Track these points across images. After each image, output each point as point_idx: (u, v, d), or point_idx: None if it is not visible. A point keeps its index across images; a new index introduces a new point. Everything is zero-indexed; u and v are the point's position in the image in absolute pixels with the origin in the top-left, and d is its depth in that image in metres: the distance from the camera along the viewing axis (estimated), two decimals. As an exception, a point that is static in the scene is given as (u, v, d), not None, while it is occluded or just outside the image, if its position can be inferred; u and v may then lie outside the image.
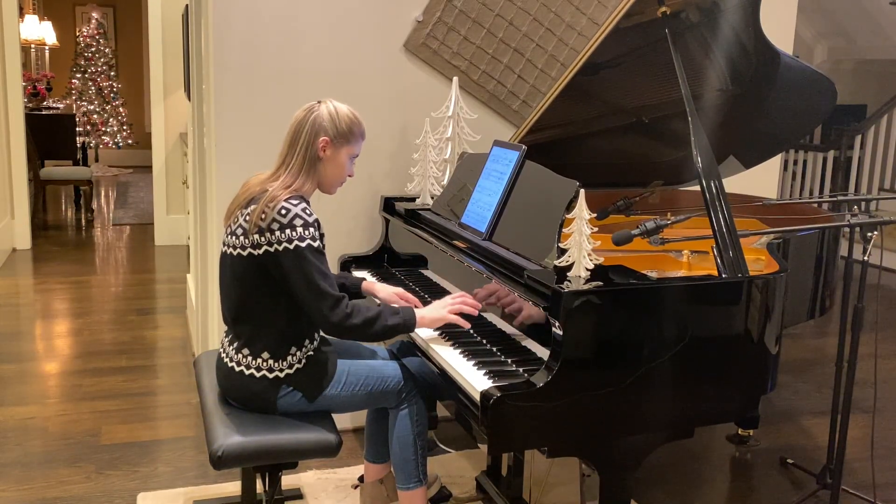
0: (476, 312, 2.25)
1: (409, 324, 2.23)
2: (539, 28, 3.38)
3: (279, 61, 3.12)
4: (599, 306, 1.89)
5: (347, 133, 2.26)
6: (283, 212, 2.12)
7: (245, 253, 2.17)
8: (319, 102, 2.28)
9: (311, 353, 2.26)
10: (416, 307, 2.44)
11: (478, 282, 2.40)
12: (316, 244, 2.14)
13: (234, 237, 2.21)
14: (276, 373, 2.22)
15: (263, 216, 2.13)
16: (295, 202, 2.15)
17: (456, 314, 2.24)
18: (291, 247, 2.11)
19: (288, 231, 2.11)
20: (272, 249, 2.13)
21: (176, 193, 6.83)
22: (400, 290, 2.52)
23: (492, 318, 2.33)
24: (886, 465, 3.32)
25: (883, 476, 3.17)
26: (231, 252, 2.22)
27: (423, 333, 2.30)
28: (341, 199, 3.26)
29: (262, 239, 2.13)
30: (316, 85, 3.17)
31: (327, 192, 2.34)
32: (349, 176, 2.34)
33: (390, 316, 2.20)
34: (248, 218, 2.17)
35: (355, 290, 2.58)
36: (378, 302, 2.53)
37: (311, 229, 2.14)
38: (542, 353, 2.04)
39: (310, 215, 2.15)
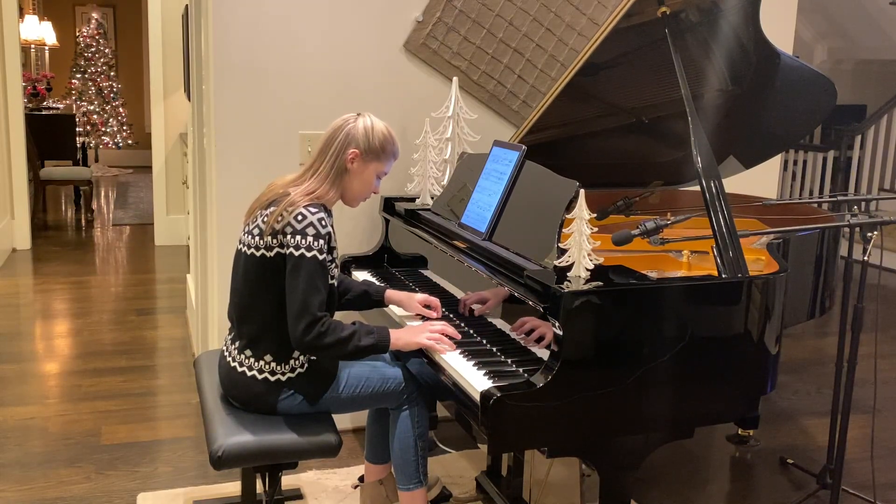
0: (453, 348, 2.17)
1: (383, 345, 2.19)
2: (539, 28, 3.38)
3: (279, 61, 3.12)
4: (599, 306, 1.89)
5: (379, 150, 2.26)
6: (300, 217, 2.13)
7: (258, 254, 2.17)
8: (359, 115, 2.27)
9: (313, 356, 2.26)
10: (437, 314, 2.41)
11: (477, 281, 2.40)
12: (321, 257, 2.13)
13: (250, 236, 2.21)
14: (279, 375, 2.22)
15: (280, 219, 2.13)
16: (313, 210, 2.15)
17: (433, 341, 2.19)
18: (297, 254, 2.11)
19: (298, 237, 2.11)
20: (284, 252, 2.13)
21: (176, 193, 6.83)
22: (422, 297, 2.44)
23: (492, 318, 2.33)
24: (886, 465, 3.32)
25: (883, 476, 3.17)
26: (245, 251, 2.22)
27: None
28: (341, 200, 3.27)
29: (275, 241, 2.14)
30: (316, 85, 3.17)
31: (349, 204, 2.34)
32: (374, 192, 2.33)
33: (364, 336, 2.16)
34: (265, 219, 2.17)
35: (378, 298, 2.52)
36: (397, 313, 2.50)
37: (321, 241, 2.13)
38: (542, 353, 2.04)
39: (324, 227, 2.14)
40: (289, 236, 2.12)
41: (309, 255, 2.11)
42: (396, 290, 2.52)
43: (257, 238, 2.18)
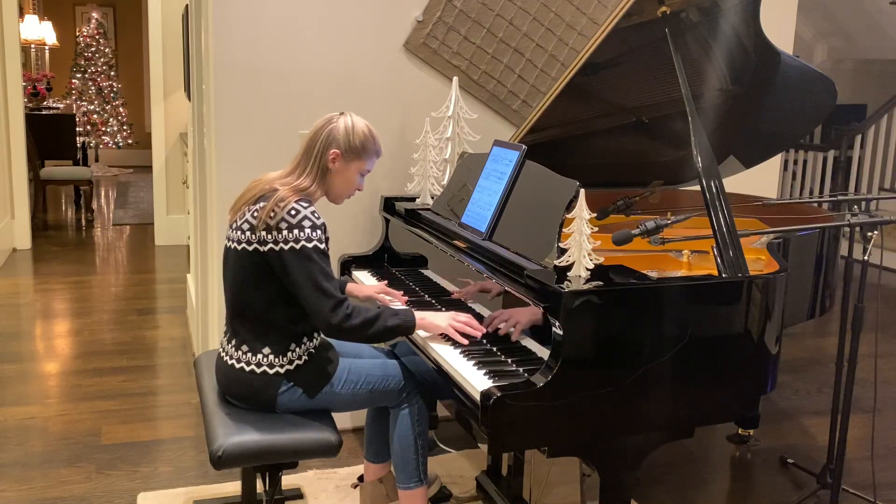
0: (479, 336, 2.20)
1: (409, 326, 2.23)
2: (539, 28, 3.38)
3: (279, 61, 3.12)
4: (599, 306, 1.89)
5: (360, 149, 2.29)
6: (293, 213, 2.15)
7: (251, 248, 2.18)
8: (341, 114, 2.30)
9: (311, 350, 2.27)
10: (399, 301, 2.53)
11: (477, 281, 2.40)
12: (322, 246, 2.17)
13: (239, 232, 2.22)
14: (277, 368, 2.22)
15: (273, 214, 2.15)
16: (305, 204, 2.18)
17: (457, 332, 2.21)
18: (298, 247, 2.13)
19: (296, 231, 2.13)
20: (277, 248, 2.14)
21: (176, 193, 6.83)
22: (380, 286, 2.61)
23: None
24: (886, 465, 3.32)
25: (883, 476, 3.17)
26: (235, 247, 2.23)
27: (422, 333, 2.30)
28: (341, 199, 3.26)
29: (269, 237, 2.15)
30: (316, 85, 3.17)
31: (334, 201, 2.38)
32: (358, 190, 2.37)
33: (390, 317, 2.20)
34: (256, 214, 2.19)
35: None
36: (377, 304, 2.55)
37: (319, 231, 2.17)
38: (542, 352, 2.04)
39: (318, 218, 2.18)
40: (285, 231, 2.13)
41: (310, 245, 2.14)
42: (354, 283, 2.70)
43: (248, 233, 2.19)
